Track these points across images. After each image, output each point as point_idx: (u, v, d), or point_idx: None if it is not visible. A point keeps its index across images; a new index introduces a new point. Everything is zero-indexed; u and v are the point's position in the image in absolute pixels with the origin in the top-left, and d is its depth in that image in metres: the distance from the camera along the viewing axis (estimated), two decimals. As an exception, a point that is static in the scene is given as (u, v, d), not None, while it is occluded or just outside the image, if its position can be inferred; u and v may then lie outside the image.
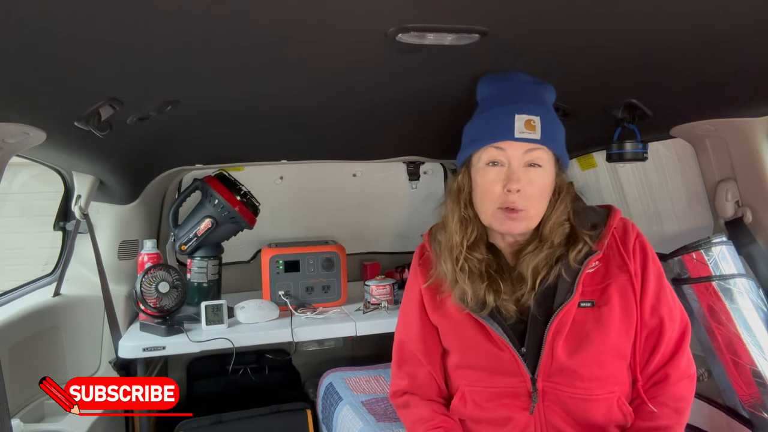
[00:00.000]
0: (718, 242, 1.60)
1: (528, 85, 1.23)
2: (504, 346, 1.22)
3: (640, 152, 1.56)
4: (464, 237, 1.26)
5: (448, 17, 0.92)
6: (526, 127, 1.16)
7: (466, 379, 1.28)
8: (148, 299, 1.95)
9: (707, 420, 1.69)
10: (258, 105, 1.46)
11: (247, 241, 2.65)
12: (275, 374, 2.70)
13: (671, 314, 1.25)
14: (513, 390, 1.22)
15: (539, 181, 1.18)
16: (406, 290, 1.43)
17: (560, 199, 1.24)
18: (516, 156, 1.17)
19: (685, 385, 1.25)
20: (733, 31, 1.00)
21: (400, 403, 1.38)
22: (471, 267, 1.24)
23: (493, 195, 1.20)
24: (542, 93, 1.24)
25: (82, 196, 1.90)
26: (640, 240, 1.27)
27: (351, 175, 2.75)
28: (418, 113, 1.64)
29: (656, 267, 1.26)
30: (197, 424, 2.10)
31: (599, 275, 1.24)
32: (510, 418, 1.23)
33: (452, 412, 1.31)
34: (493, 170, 1.19)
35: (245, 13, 0.85)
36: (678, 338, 1.26)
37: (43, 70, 0.99)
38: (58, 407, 1.92)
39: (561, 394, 1.20)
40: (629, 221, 1.30)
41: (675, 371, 1.24)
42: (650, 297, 1.23)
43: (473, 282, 1.23)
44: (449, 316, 1.30)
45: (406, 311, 1.41)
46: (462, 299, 1.24)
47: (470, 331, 1.26)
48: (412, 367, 1.36)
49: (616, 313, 1.21)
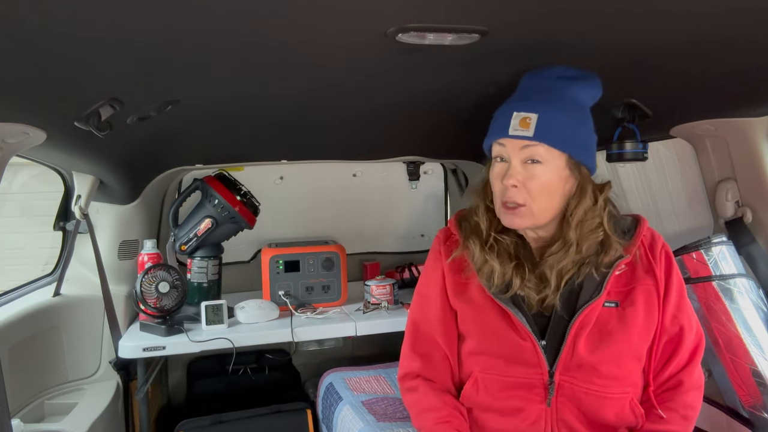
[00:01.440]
0: (718, 242, 1.60)
1: (552, 81, 1.20)
2: (526, 335, 1.22)
3: (640, 152, 1.56)
4: (491, 224, 1.28)
5: (448, 17, 0.92)
6: (520, 125, 1.17)
7: (481, 365, 1.27)
8: (148, 299, 1.95)
9: (707, 420, 1.69)
10: (258, 105, 1.46)
11: (247, 241, 2.65)
12: (275, 374, 2.70)
13: (690, 323, 1.27)
14: (528, 381, 1.22)
15: (540, 176, 1.18)
16: (425, 272, 1.41)
17: (582, 199, 1.21)
18: (514, 152, 1.19)
19: (695, 395, 1.27)
20: (734, 30, 1.00)
21: (409, 386, 1.35)
22: (500, 247, 1.26)
23: (497, 189, 1.22)
24: (564, 89, 1.20)
25: (82, 196, 1.90)
26: (666, 249, 1.29)
27: (351, 175, 2.76)
28: (418, 113, 1.64)
29: (679, 277, 1.28)
30: (197, 424, 2.10)
31: (625, 277, 1.25)
32: (521, 410, 1.23)
33: (463, 399, 1.30)
34: (499, 165, 1.22)
35: (245, 12, 0.85)
36: (693, 349, 1.27)
37: (43, 69, 0.99)
38: (58, 407, 1.93)
39: (577, 390, 1.21)
40: (655, 231, 1.32)
41: (688, 380, 1.25)
42: (672, 304, 1.25)
43: (502, 261, 1.24)
44: (471, 301, 1.29)
45: (424, 293, 1.39)
46: (489, 278, 1.24)
47: (493, 317, 1.25)
48: (427, 348, 1.34)
49: (640, 316, 1.22)
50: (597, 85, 1.24)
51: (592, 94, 1.25)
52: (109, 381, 2.12)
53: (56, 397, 1.98)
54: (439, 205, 2.97)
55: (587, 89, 1.23)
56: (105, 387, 2.08)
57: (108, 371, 2.12)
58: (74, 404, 1.93)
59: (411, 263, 2.74)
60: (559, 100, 1.20)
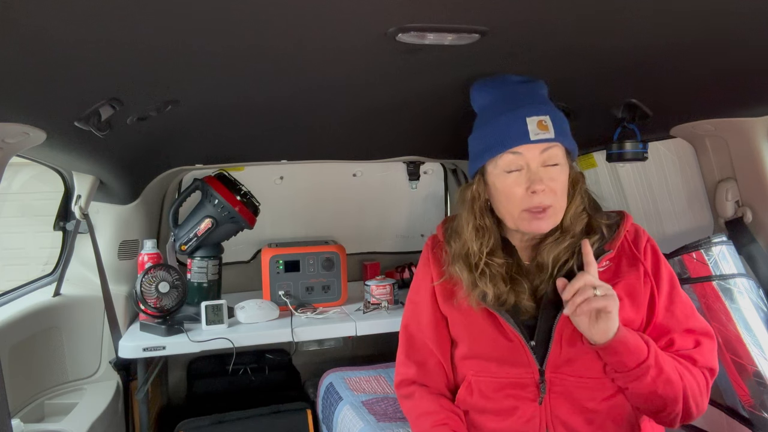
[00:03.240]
0: (718, 242, 1.60)
1: (524, 86, 1.25)
2: (513, 336, 1.23)
3: (640, 152, 1.56)
4: (482, 245, 1.27)
5: (448, 17, 0.92)
6: (539, 128, 1.18)
7: (474, 369, 1.29)
8: (148, 299, 1.95)
9: (707, 420, 1.69)
10: (258, 105, 1.46)
11: (247, 241, 2.65)
12: (275, 374, 2.70)
13: (685, 313, 1.26)
14: (520, 380, 1.23)
15: (559, 177, 1.21)
16: (416, 279, 1.43)
17: (577, 191, 1.27)
18: (533, 158, 1.19)
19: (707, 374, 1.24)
20: (734, 30, 1.00)
21: (405, 393, 1.37)
22: (492, 271, 1.26)
23: (516, 198, 1.21)
24: (539, 90, 1.27)
25: (82, 196, 1.90)
26: (651, 243, 1.29)
27: (351, 175, 2.75)
28: (418, 113, 1.64)
29: (668, 268, 1.28)
30: (197, 424, 2.10)
31: (610, 273, 1.26)
32: (516, 408, 1.24)
33: (458, 402, 1.31)
34: (512, 175, 1.21)
35: (245, 13, 0.85)
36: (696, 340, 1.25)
37: (43, 70, 0.99)
38: (58, 407, 1.93)
39: (569, 385, 1.21)
40: (640, 226, 1.32)
41: (701, 358, 1.23)
42: (664, 297, 1.25)
43: (495, 284, 1.24)
44: (460, 307, 1.30)
45: (415, 299, 1.41)
46: (482, 298, 1.25)
47: (481, 321, 1.26)
48: (421, 355, 1.36)
49: (625, 310, 1.22)
50: (545, 85, 1.29)
51: (547, 92, 1.30)
52: (109, 381, 2.12)
53: (56, 397, 1.98)
54: (439, 205, 2.98)
55: (545, 88, 1.29)
56: (105, 387, 2.08)
57: (108, 371, 2.12)
58: (74, 404, 1.93)
59: (411, 263, 2.74)
60: (546, 100, 1.26)
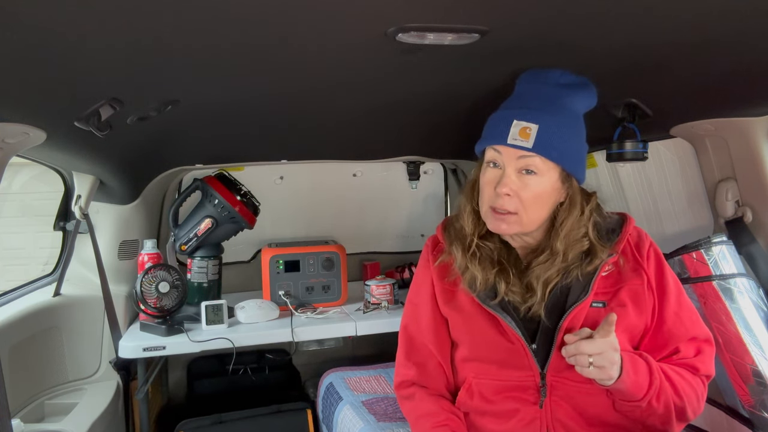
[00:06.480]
0: (718, 242, 1.60)
1: (553, 89, 1.20)
2: (515, 338, 1.22)
3: (640, 152, 1.56)
4: (476, 228, 1.27)
5: (448, 17, 0.92)
6: (519, 135, 1.15)
7: (474, 371, 1.28)
8: (148, 299, 1.95)
9: (707, 420, 1.69)
10: (258, 105, 1.46)
11: (247, 241, 2.65)
12: (275, 374, 2.70)
13: (692, 319, 1.26)
14: (521, 383, 1.23)
15: (534, 187, 1.17)
16: (416, 280, 1.42)
17: (572, 211, 1.22)
18: (510, 161, 1.18)
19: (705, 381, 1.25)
20: (733, 31, 1.00)
21: (405, 394, 1.37)
22: (482, 254, 1.26)
23: (487, 194, 1.21)
24: (565, 98, 1.20)
25: (82, 196, 1.90)
26: (654, 247, 1.29)
27: (351, 175, 2.75)
28: (418, 113, 1.64)
29: (672, 274, 1.27)
30: (197, 424, 2.10)
31: (612, 278, 1.25)
32: (516, 411, 1.23)
33: (458, 405, 1.31)
34: (492, 170, 1.21)
35: (245, 13, 0.85)
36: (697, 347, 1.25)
37: (43, 70, 0.99)
38: (58, 407, 1.93)
39: (570, 389, 1.21)
40: (642, 230, 1.31)
41: (702, 366, 1.24)
42: (672, 303, 1.24)
43: (483, 268, 1.24)
44: (461, 309, 1.30)
45: (415, 301, 1.40)
46: (471, 285, 1.25)
47: (482, 323, 1.26)
48: (421, 357, 1.36)
49: (629, 315, 1.21)
50: (593, 94, 1.25)
51: (588, 104, 1.26)
52: (109, 381, 2.12)
53: (56, 397, 1.98)
54: (439, 205, 2.98)
55: (584, 98, 1.24)
56: (105, 387, 2.08)
57: (108, 371, 2.12)
58: (74, 404, 1.93)
59: (411, 263, 2.74)
60: (559, 111, 1.19)
